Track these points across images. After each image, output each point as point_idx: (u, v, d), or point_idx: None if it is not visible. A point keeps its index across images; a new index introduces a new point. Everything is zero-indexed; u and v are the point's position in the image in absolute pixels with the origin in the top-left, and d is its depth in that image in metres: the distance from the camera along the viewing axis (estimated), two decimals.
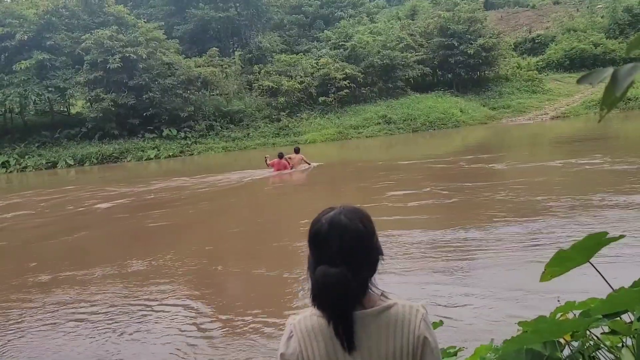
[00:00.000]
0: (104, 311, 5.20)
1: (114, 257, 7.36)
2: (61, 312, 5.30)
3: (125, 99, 31.28)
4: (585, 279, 2.22)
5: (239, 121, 34.11)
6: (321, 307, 1.28)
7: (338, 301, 1.25)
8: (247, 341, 4.24)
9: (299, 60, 36.88)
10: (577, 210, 7.14)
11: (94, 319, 5.02)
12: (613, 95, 0.83)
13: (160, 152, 30.56)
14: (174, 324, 4.76)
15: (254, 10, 42.49)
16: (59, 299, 5.74)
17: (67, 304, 5.55)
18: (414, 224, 7.52)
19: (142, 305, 5.28)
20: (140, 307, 5.23)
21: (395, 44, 37.65)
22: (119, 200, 13.59)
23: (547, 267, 1.52)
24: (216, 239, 8.46)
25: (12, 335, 4.83)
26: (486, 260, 5.49)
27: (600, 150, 13.82)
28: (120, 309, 5.22)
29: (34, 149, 31.20)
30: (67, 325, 4.96)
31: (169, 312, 5.04)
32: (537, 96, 38.03)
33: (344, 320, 1.26)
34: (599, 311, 1.41)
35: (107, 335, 4.62)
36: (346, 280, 1.24)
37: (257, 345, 4.15)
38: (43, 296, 5.87)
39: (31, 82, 31.05)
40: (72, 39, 32.70)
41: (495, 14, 63.70)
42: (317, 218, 1.35)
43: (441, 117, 33.23)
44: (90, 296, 5.73)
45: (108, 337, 4.57)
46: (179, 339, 4.42)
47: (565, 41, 44.35)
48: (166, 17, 41.64)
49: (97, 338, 4.58)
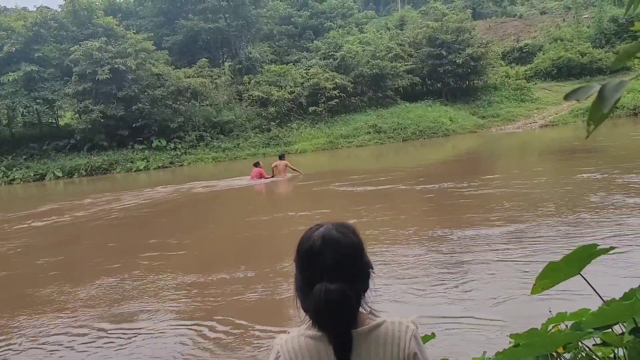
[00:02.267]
0: (90, 332, 5.12)
1: (96, 272, 7.27)
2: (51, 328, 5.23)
3: (114, 110, 31.19)
4: (577, 286, 2.21)
5: (229, 131, 34.09)
6: (323, 326, 1.24)
7: (341, 319, 1.22)
8: (239, 355, 4.20)
9: (288, 70, 37.01)
10: (570, 221, 7.17)
11: (81, 340, 4.93)
12: (600, 111, 0.82)
13: (149, 163, 30.43)
14: (165, 339, 4.69)
15: (243, 21, 42.63)
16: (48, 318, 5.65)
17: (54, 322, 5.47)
18: (403, 235, 7.52)
19: (132, 321, 5.21)
20: (130, 322, 5.17)
21: (385, 53, 37.93)
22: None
23: (538, 280, 1.51)
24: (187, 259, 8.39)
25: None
26: (479, 272, 5.48)
27: (594, 160, 13.93)
28: (110, 326, 5.15)
29: (21, 161, 30.97)
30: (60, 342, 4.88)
31: (160, 328, 4.98)
32: (525, 105, 38.41)
33: (345, 339, 1.23)
34: (591, 324, 1.40)
35: (98, 354, 4.55)
36: (347, 296, 1.21)
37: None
38: (31, 311, 5.79)
39: (19, 94, 30.90)
40: (60, 50, 32.63)
41: (483, 23, 64.36)
42: (307, 235, 1.32)
43: (431, 125, 33.42)
44: (74, 315, 5.64)
45: (99, 355, 4.50)
46: (170, 355, 4.36)
47: (553, 50, 44.92)
48: (155, 28, 41.66)
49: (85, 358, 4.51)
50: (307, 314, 1.29)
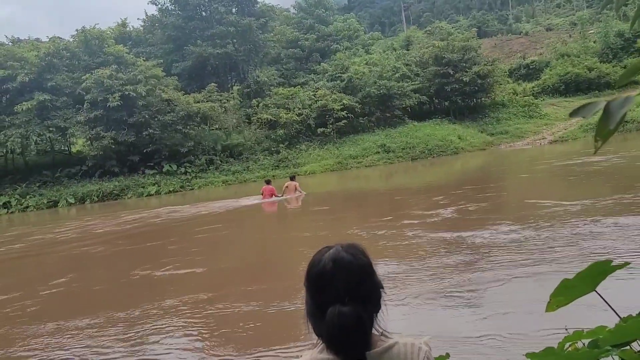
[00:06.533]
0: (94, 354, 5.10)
1: (103, 300, 7.28)
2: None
3: (125, 136, 31.58)
4: (595, 300, 2.17)
5: (238, 155, 34.33)
6: (337, 350, 1.23)
7: (355, 342, 1.21)
8: None
9: (296, 92, 37.35)
10: (584, 237, 7.09)
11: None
12: (607, 128, 0.82)
13: (160, 187, 30.63)
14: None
15: (251, 46, 43.23)
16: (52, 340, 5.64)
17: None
18: (414, 249, 7.46)
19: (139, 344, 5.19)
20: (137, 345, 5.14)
21: (391, 74, 38.22)
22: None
23: (552, 297, 1.49)
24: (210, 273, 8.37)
25: None
26: (493, 289, 5.41)
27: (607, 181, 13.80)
28: (116, 350, 5.12)
29: (35, 188, 31.29)
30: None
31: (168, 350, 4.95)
32: (534, 121, 38.37)
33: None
34: (608, 342, 1.37)
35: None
36: (361, 319, 1.20)
37: None
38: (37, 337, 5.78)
39: (32, 123, 31.35)
40: (72, 79, 33.20)
41: (489, 41, 64.72)
42: (317, 258, 1.31)
43: (440, 144, 33.43)
44: (80, 340, 5.63)
45: None
46: None
47: (560, 66, 45.02)
48: (165, 55, 42.34)
49: None
50: (319, 338, 1.27)
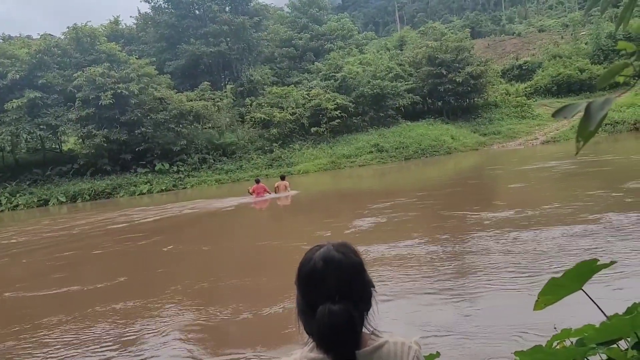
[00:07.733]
0: (92, 351, 5.08)
1: (99, 296, 7.25)
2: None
3: (117, 134, 31.42)
4: (581, 303, 2.20)
5: (231, 154, 34.26)
6: (328, 348, 1.22)
7: (345, 341, 1.21)
8: None
9: (290, 92, 37.31)
10: (573, 236, 7.14)
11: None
12: (587, 129, 0.83)
13: (152, 186, 30.51)
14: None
15: (244, 45, 43.11)
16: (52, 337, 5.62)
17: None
18: (405, 250, 7.49)
19: (135, 339, 5.18)
20: (133, 340, 5.13)
21: (385, 73, 38.29)
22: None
23: (541, 296, 1.51)
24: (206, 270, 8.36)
25: None
26: (483, 287, 5.45)
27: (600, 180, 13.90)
28: (112, 348, 5.11)
29: (25, 187, 31.05)
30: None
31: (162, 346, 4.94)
32: (526, 121, 38.58)
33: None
34: (594, 339, 1.39)
35: None
36: (352, 317, 1.20)
37: None
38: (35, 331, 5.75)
39: (23, 121, 31.10)
40: (64, 77, 32.96)
41: (482, 42, 65.02)
42: (308, 257, 1.30)
43: (433, 144, 33.54)
44: (75, 334, 5.61)
45: None
46: None
47: (552, 67, 45.29)
48: (158, 53, 42.15)
49: None
50: (310, 337, 1.27)
